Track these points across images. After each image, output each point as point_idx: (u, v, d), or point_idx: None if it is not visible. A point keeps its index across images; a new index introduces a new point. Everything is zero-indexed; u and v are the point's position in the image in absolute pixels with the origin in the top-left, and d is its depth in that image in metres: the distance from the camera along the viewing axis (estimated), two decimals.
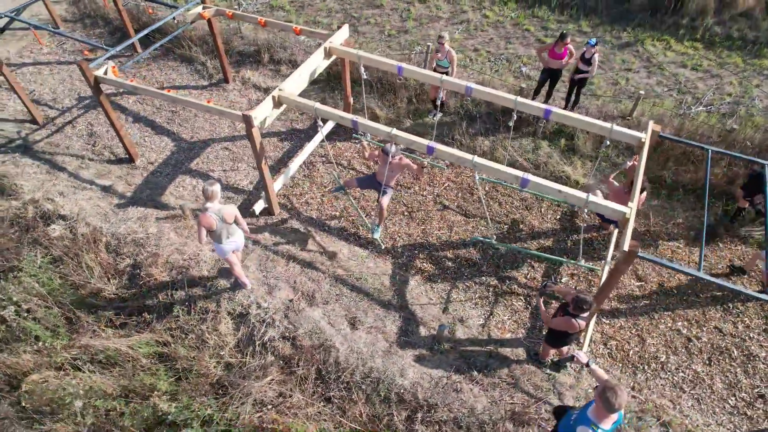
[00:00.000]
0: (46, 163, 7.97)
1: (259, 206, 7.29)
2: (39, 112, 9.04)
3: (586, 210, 5.29)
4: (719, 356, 5.95)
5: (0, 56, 10.32)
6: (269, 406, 4.97)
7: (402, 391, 5.24)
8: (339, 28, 7.44)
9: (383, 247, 6.96)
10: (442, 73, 7.95)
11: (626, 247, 4.72)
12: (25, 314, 5.63)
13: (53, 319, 5.74)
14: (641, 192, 5.97)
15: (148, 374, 5.34)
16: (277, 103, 6.46)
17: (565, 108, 8.50)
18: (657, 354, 5.97)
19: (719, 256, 6.98)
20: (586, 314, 4.72)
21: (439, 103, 7.29)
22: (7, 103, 9.43)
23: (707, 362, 5.90)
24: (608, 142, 6.10)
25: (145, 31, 7.91)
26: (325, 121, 8.24)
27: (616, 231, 6.91)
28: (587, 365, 4.16)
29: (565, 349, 5.51)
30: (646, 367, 5.87)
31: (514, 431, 4.98)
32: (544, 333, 5.76)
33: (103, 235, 6.67)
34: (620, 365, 5.87)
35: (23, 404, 5.07)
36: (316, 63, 7.04)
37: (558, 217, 7.47)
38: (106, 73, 7.08)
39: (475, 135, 8.40)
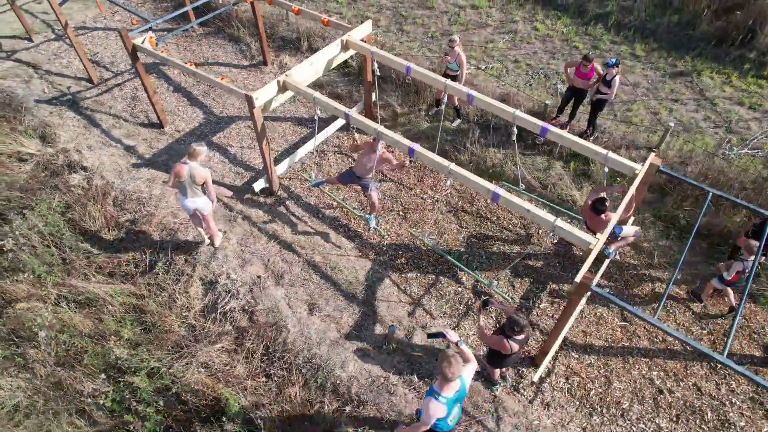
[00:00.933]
0: (86, 119, 8.73)
1: (258, 185, 7.59)
2: (96, 73, 9.88)
3: (551, 233, 5.09)
4: (690, 415, 5.49)
5: (78, 20, 11.40)
6: (207, 370, 5.22)
7: (339, 382, 5.30)
8: (362, 22, 7.58)
9: (384, 234, 7.07)
10: (452, 76, 7.89)
11: (579, 278, 4.51)
12: (26, 248, 6.25)
13: (50, 258, 6.32)
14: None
15: (114, 320, 5.76)
16: (282, 88, 6.69)
17: (586, 130, 8.14)
18: (621, 399, 5.61)
19: (721, 311, 6.41)
20: (520, 337, 4.56)
21: (443, 106, 7.22)
22: (72, 61, 10.37)
23: (674, 419, 5.47)
24: (606, 170, 5.80)
25: (184, 9, 8.43)
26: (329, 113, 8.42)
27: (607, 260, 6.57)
28: (456, 344, 4.21)
29: (497, 371, 5.38)
30: (604, 410, 5.54)
31: None
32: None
33: (113, 190, 7.23)
34: (577, 403, 5.58)
35: (3, 326, 5.65)
36: (331, 54, 7.21)
37: (555, 240, 7.17)
38: (143, 42, 7.65)
39: (489, 146, 8.23)
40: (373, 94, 8.84)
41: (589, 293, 4.72)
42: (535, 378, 5.48)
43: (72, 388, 5.46)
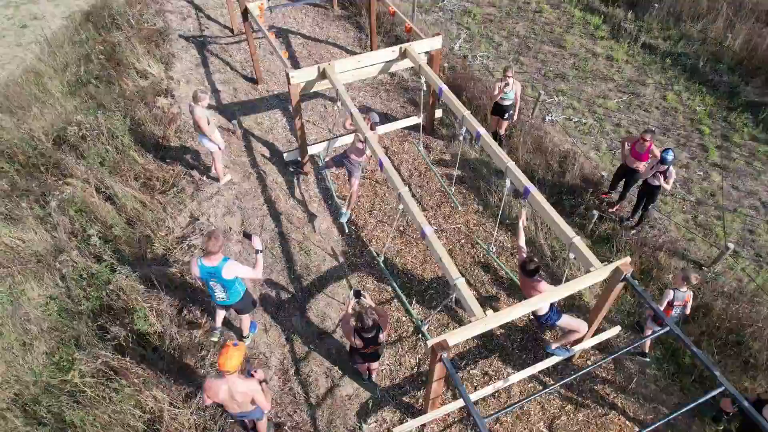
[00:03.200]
0: (203, 58, 10.25)
1: (288, 156, 8.20)
2: (238, 25, 11.46)
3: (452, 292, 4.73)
4: None
5: None
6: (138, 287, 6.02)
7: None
8: (447, 38, 7.59)
9: (346, 231, 7.26)
10: (506, 105, 7.57)
11: (432, 342, 4.17)
12: (91, 141, 7.75)
13: (106, 155, 7.74)
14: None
15: (114, 219, 6.89)
16: (321, 75, 7.12)
17: (629, 219, 7.05)
18: None
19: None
20: (365, 334, 4.70)
21: (500, 135, 7.34)
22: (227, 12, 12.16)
23: None
24: (573, 257, 5.09)
25: None
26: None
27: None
28: (256, 252, 4.91)
29: (363, 366, 5.45)
30: None
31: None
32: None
33: (179, 119, 8.47)
34: None
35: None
36: (384, 58, 7.44)
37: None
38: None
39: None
40: (438, 111, 8.82)
41: None
42: (395, 430, 5.15)
43: (63, 254, 6.73)
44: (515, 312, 4.41)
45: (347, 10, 12.17)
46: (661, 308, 5.39)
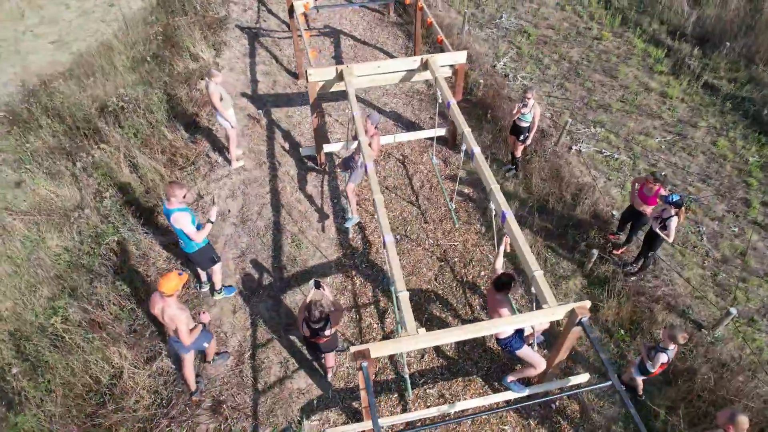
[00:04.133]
0: (252, 48, 10.76)
1: (304, 151, 8.43)
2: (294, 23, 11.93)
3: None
4: None
5: None
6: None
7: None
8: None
9: (350, 235, 7.43)
10: (523, 127, 7.37)
11: (354, 349, 4.15)
12: (129, 113, 8.39)
13: (139, 127, 8.35)
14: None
15: (130, 184, 7.42)
16: (339, 76, 7.28)
17: (632, 264, 6.58)
18: None
19: None
20: (313, 324, 4.86)
21: (517, 158, 7.62)
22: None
23: None
24: (534, 290, 4.87)
25: None
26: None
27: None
28: (208, 221, 5.55)
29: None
30: None
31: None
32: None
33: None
34: None
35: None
36: (404, 66, 7.45)
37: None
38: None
39: (527, 226, 7.37)
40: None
41: None
42: (327, 431, 5.15)
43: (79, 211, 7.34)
44: (449, 336, 4.30)
45: (401, 17, 12.30)
46: (653, 370, 4.99)
